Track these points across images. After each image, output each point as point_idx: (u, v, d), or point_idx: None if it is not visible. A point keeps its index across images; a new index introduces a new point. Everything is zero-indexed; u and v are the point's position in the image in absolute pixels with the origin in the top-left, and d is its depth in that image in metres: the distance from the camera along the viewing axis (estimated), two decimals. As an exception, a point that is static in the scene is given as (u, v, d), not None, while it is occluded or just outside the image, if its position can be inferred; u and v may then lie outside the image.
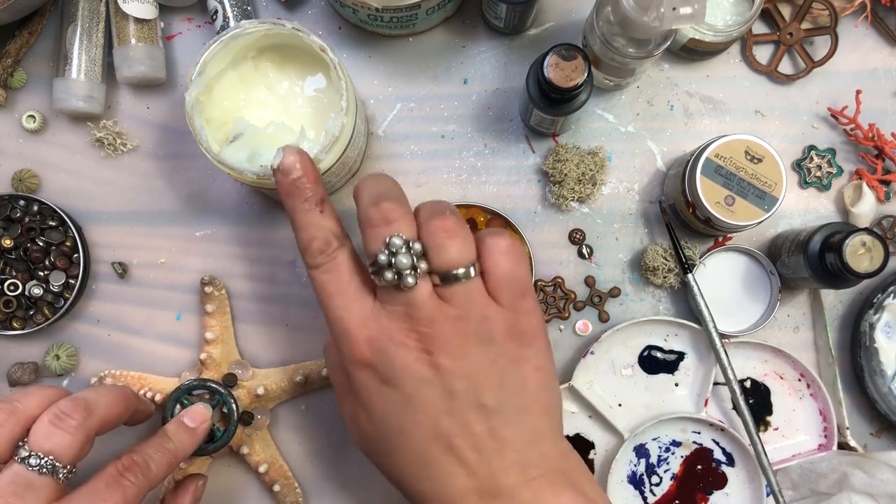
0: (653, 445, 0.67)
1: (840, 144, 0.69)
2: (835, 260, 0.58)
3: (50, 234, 0.66)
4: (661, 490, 0.67)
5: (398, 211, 0.46)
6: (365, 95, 0.69)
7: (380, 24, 0.66)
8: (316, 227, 0.49)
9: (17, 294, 0.65)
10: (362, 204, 0.48)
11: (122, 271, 0.68)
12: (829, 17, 0.67)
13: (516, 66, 0.69)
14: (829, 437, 0.66)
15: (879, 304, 0.66)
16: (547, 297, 0.68)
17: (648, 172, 0.69)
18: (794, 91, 0.69)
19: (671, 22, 0.54)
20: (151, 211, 0.69)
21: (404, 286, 0.45)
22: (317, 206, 0.49)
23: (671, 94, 0.69)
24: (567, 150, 0.67)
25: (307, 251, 0.49)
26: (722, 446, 0.67)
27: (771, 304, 0.67)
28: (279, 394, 0.66)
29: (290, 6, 0.69)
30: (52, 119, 0.69)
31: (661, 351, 0.68)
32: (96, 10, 0.66)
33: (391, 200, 0.47)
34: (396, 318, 0.46)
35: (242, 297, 0.68)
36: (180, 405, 0.60)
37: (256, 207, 0.69)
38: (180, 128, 0.68)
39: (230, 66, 0.60)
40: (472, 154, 0.69)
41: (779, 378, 0.67)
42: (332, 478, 0.68)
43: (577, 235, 0.68)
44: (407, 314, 0.46)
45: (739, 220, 0.61)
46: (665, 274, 0.66)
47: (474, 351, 0.46)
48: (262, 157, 0.60)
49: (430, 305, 0.46)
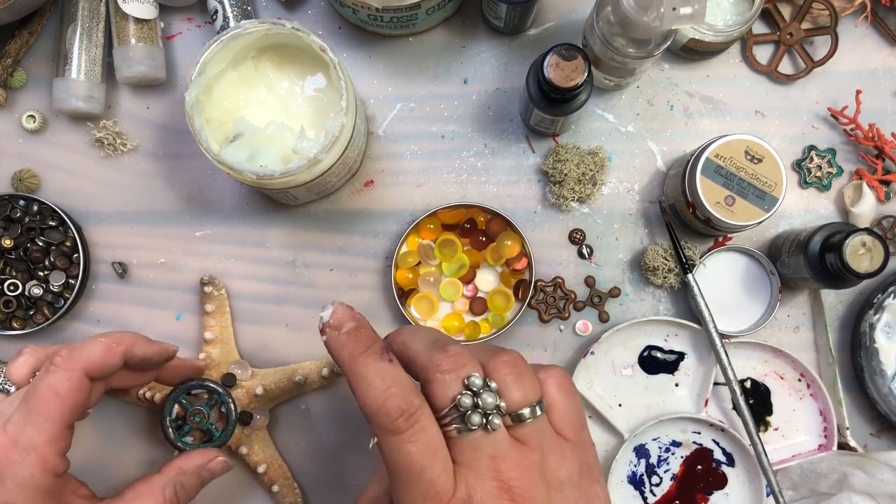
0: (653, 446, 0.67)
1: (840, 144, 0.69)
2: (835, 260, 0.58)
3: (50, 234, 0.66)
4: (662, 490, 0.67)
5: (465, 354, 0.42)
6: (365, 95, 0.69)
7: (380, 24, 0.66)
8: (389, 381, 0.40)
9: (17, 294, 0.65)
10: (421, 349, 0.43)
11: (122, 271, 0.68)
12: (829, 17, 0.67)
13: (516, 66, 0.69)
14: (829, 438, 0.66)
15: (879, 304, 0.66)
16: (547, 297, 0.68)
17: (648, 172, 0.69)
18: (794, 91, 0.69)
19: (671, 22, 0.54)
20: (151, 211, 0.69)
21: (492, 428, 0.40)
22: (384, 356, 0.42)
23: (671, 94, 0.69)
24: (567, 150, 0.67)
25: (381, 413, 0.40)
26: (722, 446, 0.67)
27: (771, 304, 0.67)
28: (278, 394, 0.66)
29: (290, 6, 0.69)
30: (52, 119, 0.69)
31: (662, 351, 0.67)
32: (96, 10, 0.66)
33: (455, 345, 0.42)
34: (483, 475, 0.41)
35: (242, 297, 0.68)
36: (179, 405, 0.60)
37: (256, 207, 0.69)
38: (180, 128, 0.68)
39: (230, 66, 0.60)
40: (472, 154, 0.69)
41: (779, 378, 0.67)
42: (331, 478, 0.68)
43: (577, 235, 0.68)
44: (493, 467, 0.41)
45: (739, 220, 0.61)
46: (665, 274, 0.66)
47: (557, 497, 0.42)
48: (262, 157, 0.60)
49: (514, 451, 0.41)
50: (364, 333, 0.42)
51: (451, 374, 0.41)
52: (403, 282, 0.67)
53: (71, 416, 0.48)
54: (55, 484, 0.47)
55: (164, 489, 0.52)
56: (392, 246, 0.68)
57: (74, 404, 0.48)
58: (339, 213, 0.69)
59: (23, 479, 0.46)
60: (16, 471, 0.46)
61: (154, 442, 0.68)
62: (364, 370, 0.41)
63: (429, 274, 0.67)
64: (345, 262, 0.68)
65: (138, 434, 0.67)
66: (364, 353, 0.41)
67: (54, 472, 0.47)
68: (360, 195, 0.69)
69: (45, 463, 0.47)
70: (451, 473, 0.40)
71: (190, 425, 0.59)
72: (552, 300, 0.68)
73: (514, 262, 0.67)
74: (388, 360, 0.41)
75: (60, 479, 0.48)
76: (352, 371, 0.41)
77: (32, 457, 0.46)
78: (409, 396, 0.40)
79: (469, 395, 0.40)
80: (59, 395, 0.48)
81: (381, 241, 0.69)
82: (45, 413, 0.47)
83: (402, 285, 0.67)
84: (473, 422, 0.40)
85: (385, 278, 0.68)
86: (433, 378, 0.41)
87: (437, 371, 0.41)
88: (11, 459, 0.46)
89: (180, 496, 0.53)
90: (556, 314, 0.68)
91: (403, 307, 0.66)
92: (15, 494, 0.46)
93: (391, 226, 0.69)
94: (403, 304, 0.67)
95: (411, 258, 0.67)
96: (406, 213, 0.69)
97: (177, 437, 0.59)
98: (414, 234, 0.67)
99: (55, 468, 0.47)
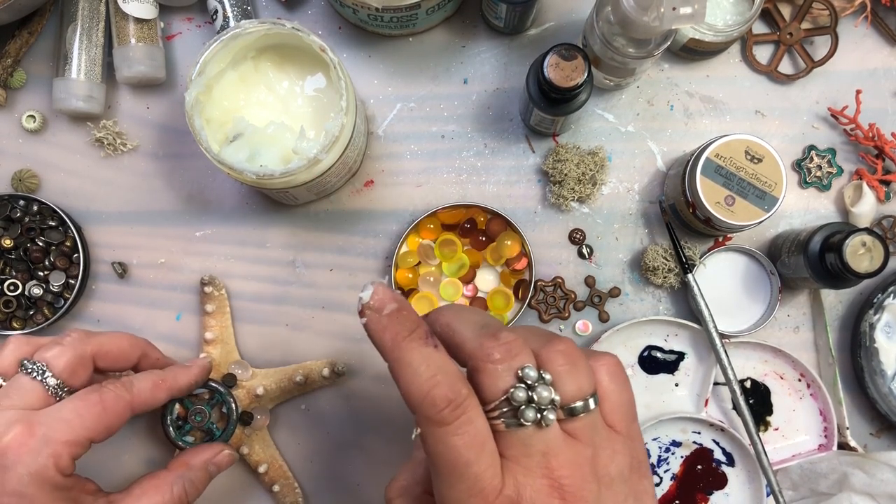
0: (653, 445, 0.67)
1: (840, 144, 0.69)
2: (835, 260, 0.58)
3: (50, 234, 0.66)
4: (662, 490, 0.67)
5: (518, 342, 0.39)
6: (365, 95, 0.69)
7: (380, 24, 0.66)
8: (435, 368, 0.38)
9: (17, 294, 0.65)
10: (470, 335, 0.40)
11: (122, 271, 0.68)
12: (829, 17, 0.67)
13: (516, 66, 0.69)
14: (829, 438, 0.66)
15: (879, 304, 0.66)
16: (547, 297, 0.68)
17: (648, 172, 0.69)
18: (794, 91, 0.69)
19: (671, 22, 0.54)
20: (151, 211, 0.69)
21: (546, 424, 0.38)
22: (429, 340, 0.39)
23: (671, 94, 0.69)
24: (567, 150, 0.67)
25: (426, 403, 0.37)
26: (722, 446, 0.67)
27: (771, 304, 0.67)
28: (279, 394, 0.66)
29: (290, 6, 0.69)
30: (52, 119, 0.69)
31: (662, 351, 0.67)
32: (96, 10, 0.66)
33: (507, 331, 0.39)
34: (533, 473, 0.38)
35: (242, 297, 0.68)
36: (180, 404, 0.60)
37: (256, 207, 0.69)
38: (180, 128, 0.68)
39: (230, 66, 0.60)
40: (472, 154, 0.69)
41: (779, 378, 0.67)
42: (332, 478, 0.68)
43: (577, 235, 0.68)
44: (544, 464, 0.38)
45: (739, 220, 0.61)
46: (665, 274, 0.66)
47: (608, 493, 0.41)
48: (262, 157, 0.60)
49: (566, 448, 0.39)
50: (407, 316, 0.39)
51: (503, 364, 0.38)
52: (403, 282, 0.67)
53: (101, 432, 0.49)
54: (65, 482, 0.48)
55: (172, 485, 0.53)
56: (392, 246, 0.68)
57: (109, 425, 0.50)
58: (339, 213, 0.69)
59: (36, 469, 0.46)
60: (31, 459, 0.46)
61: (155, 442, 0.68)
62: (409, 356, 0.38)
63: (429, 274, 0.67)
64: (345, 262, 0.68)
65: (139, 434, 0.67)
66: (408, 338, 0.39)
67: (63, 472, 0.48)
68: (360, 195, 0.69)
69: (58, 459, 0.47)
70: (499, 468, 0.38)
71: (191, 425, 0.59)
72: (552, 300, 0.68)
73: (514, 262, 0.67)
74: (434, 346, 0.39)
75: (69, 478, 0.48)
76: (394, 356, 0.38)
77: (48, 450, 0.47)
78: (457, 386, 0.37)
79: (523, 388, 0.37)
80: (105, 410, 0.49)
81: (381, 241, 0.69)
82: (82, 416, 0.48)
83: (402, 285, 0.67)
84: (528, 417, 0.37)
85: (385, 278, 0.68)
86: (483, 368, 0.38)
87: (487, 361, 0.38)
88: (29, 447, 0.46)
89: (189, 492, 0.53)
90: (556, 314, 0.68)
91: (403, 307, 0.66)
92: (26, 483, 0.46)
93: (391, 226, 0.69)
94: (403, 304, 0.67)
95: (411, 258, 0.67)
96: (406, 213, 0.69)
97: (178, 437, 0.59)
98: (414, 234, 0.67)
99: (64, 469, 0.48)
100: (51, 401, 0.50)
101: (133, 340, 0.56)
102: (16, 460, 0.46)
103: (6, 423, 0.47)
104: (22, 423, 0.47)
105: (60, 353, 0.51)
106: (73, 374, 0.51)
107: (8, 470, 0.46)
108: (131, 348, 0.55)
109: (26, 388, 0.49)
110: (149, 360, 0.57)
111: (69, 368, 0.51)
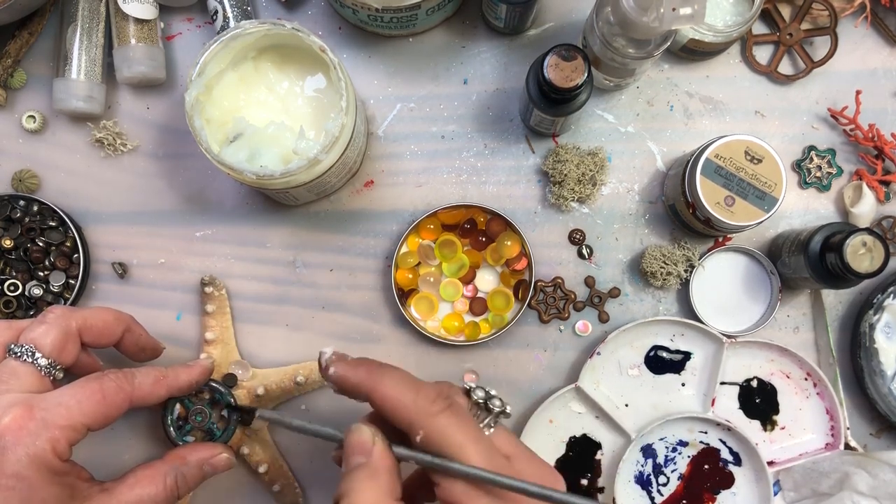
0: (660, 445, 0.67)
1: (840, 145, 0.69)
2: (835, 260, 0.58)
3: (50, 235, 0.66)
4: (669, 490, 0.67)
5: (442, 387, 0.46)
6: (365, 95, 0.69)
7: (380, 25, 0.66)
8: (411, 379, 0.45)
9: (17, 294, 0.65)
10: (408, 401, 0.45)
11: (122, 271, 0.68)
12: (829, 18, 0.67)
13: (516, 66, 0.69)
14: (836, 436, 0.66)
15: (879, 304, 0.66)
16: (547, 297, 0.68)
17: (648, 172, 0.69)
18: (794, 91, 0.69)
19: (671, 22, 0.54)
20: (151, 211, 0.69)
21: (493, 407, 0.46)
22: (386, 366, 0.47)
23: (671, 94, 0.69)
24: (567, 150, 0.67)
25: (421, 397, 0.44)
26: (729, 446, 0.67)
27: (771, 304, 0.67)
28: (279, 394, 0.66)
29: (290, 6, 0.69)
30: (52, 119, 0.69)
31: (668, 351, 0.67)
32: (96, 10, 0.66)
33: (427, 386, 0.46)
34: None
35: (242, 297, 0.68)
36: (181, 404, 0.60)
37: (256, 207, 0.69)
38: (180, 128, 0.68)
39: (230, 66, 0.60)
40: (472, 154, 0.69)
41: (785, 377, 0.67)
42: (332, 478, 0.68)
43: (577, 236, 0.68)
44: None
45: (739, 220, 0.61)
46: (664, 277, 0.66)
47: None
48: (262, 157, 0.60)
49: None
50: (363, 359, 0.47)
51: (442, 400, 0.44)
52: (403, 282, 0.67)
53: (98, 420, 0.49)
54: (62, 467, 0.48)
55: (166, 476, 0.53)
56: (392, 246, 0.68)
57: (107, 414, 0.50)
58: (339, 213, 0.69)
59: (34, 452, 0.46)
60: (29, 441, 0.46)
61: (155, 442, 0.67)
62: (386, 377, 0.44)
63: (429, 274, 0.67)
64: (345, 262, 0.68)
65: (139, 434, 0.67)
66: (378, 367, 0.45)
67: (60, 457, 0.48)
68: (360, 195, 0.69)
69: (56, 443, 0.47)
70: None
71: (192, 425, 0.59)
72: (552, 300, 0.68)
73: (513, 262, 0.67)
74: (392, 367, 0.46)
75: (65, 463, 0.49)
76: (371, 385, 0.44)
77: (47, 433, 0.47)
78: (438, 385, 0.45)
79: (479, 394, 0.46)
80: (104, 399, 0.49)
81: (381, 241, 0.69)
82: (81, 403, 0.48)
83: (402, 285, 0.67)
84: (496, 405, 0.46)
85: (385, 278, 0.68)
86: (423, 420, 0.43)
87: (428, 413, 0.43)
88: (28, 429, 0.47)
89: (180, 485, 0.53)
90: (556, 314, 0.68)
91: (403, 307, 0.66)
92: (24, 465, 0.46)
93: (391, 226, 0.69)
94: (403, 305, 0.67)
95: (411, 258, 0.67)
96: (406, 213, 0.69)
97: (178, 437, 0.59)
98: (414, 234, 0.67)
99: (62, 453, 0.48)
100: (46, 381, 0.50)
101: (117, 314, 0.56)
102: (14, 442, 0.46)
103: (6, 406, 0.47)
104: (21, 405, 0.47)
105: (46, 331, 0.51)
106: (62, 351, 0.51)
107: (6, 451, 0.46)
108: (115, 322, 0.55)
109: (20, 372, 0.49)
110: (132, 336, 0.57)
111: (58, 346, 0.51)
